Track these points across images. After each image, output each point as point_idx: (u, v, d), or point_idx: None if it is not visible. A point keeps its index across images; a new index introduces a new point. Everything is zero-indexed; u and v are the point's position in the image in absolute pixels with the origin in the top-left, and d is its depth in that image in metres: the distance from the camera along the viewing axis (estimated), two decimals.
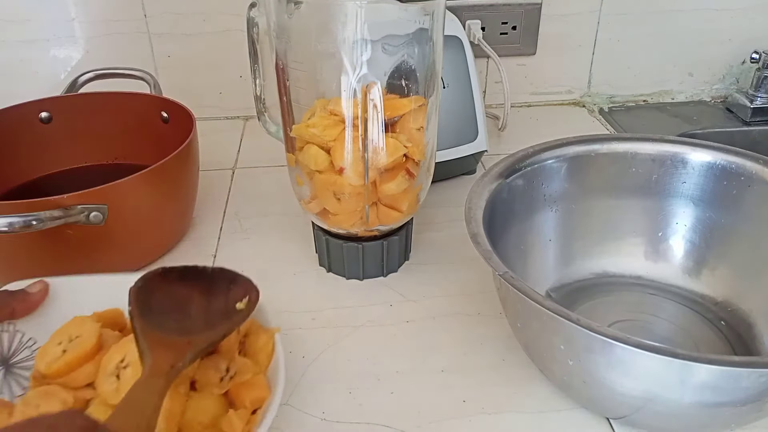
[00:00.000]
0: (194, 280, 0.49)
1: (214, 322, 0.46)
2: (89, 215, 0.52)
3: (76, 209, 0.51)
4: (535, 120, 0.92)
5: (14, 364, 0.46)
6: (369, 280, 0.60)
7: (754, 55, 0.89)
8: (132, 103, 0.69)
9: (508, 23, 0.88)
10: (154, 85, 0.71)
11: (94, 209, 0.52)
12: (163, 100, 0.68)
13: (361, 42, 0.48)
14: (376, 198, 0.55)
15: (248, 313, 0.47)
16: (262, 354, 0.46)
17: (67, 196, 0.51)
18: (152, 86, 0.71)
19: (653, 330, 0.53)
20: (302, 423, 0.46)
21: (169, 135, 0.60)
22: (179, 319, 0.45)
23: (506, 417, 0.46)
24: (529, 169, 0.54)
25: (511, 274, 0.41)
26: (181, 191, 0.62)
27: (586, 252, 0.57)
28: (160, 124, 0.68)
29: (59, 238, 0.52)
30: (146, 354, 0.42)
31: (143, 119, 0.69)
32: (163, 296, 0.47)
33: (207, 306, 0.47)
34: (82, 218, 0.51)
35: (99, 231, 0.52)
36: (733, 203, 0.54)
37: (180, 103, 0.66)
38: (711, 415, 0.40)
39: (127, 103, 0.69)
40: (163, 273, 0.48)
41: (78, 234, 0.53)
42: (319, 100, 0.52)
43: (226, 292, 0.48)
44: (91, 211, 0.52)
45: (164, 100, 0.68)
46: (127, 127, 0.68)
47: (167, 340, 0.43)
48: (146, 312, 0.44)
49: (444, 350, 0.52)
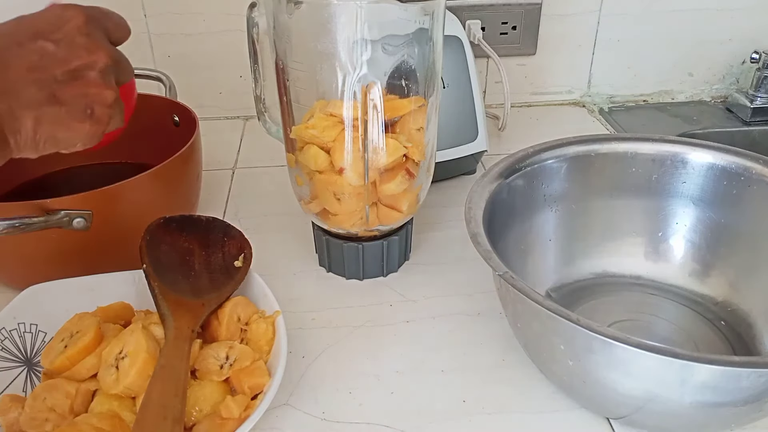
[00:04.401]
0: (192, 231, 0.53)
1: (218, 281, 0.50)
2: (72, 221, 0.50)
3: (59, 214, 0.49)
4: (535, 120, 0.92)
5: (37, 363, 0.47)
6: (369, 280, 0.60)
7: (754, 55, 0.89)
8: (144, 104, 0.68)
9: (508, 23, 0.88)
10: (170, 87, 0.70)
11: (77, 215, 0.50)
12: (174, 104, 0.68)
13: (361, 42, 0.48)
14: (376, 198, 0.55)
15: (246, 269, 0.52)
16: (263, 341, 0.47)
17: (51, 200, 0.49)
18: (168, 87, 0.70)
19: (653, 330, 0.53)
20: (302, 423, 0.46)
21: (178, 138, 0.60)
22: (186, 274, 0.50)
23: (506, 417, 0.46)
24: (529, 169, 0.54)
25: (511, 274, 0.41)
26: (181, 193, 0.62)
27: (586, 252, 0.57)
28: (171, 127, 0.68)
29: (58, 240, 0.52)
30: (168, 317, 0.46)
31: (155, 121, 0.67)
32: (169, 249, 0.51)
33: (207, 259, 0.52)
34: (65, 224, 0.49)
35: (98, 234, 0.52)
36: (733, 203, 0.53)
37: (187, 107, 0.66)
38: (711, 415, 0.40)
39: (140, 105, 0.68)
40: (165, 222, 0.52)
41: (76, 237, 0.52)
42: (319, 102, 0.52)
43: (221, 245, 0.53)
44: (74, 217, 0.50)
45: (175, 103, 0.68)
46: (138, 128, 0.67)
47: (184, 302, 0.47)
48: (159, 269, 0.49)
49: (444, 350, 0.52)
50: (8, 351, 0.47)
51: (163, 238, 0.51)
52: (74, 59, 0.38)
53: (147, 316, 0.48)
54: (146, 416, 0.39)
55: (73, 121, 0.38)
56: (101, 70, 0.39)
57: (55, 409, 0.42)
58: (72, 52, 0.38)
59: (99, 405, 0.43)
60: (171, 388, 0.40)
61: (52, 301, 0.49)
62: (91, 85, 0.38)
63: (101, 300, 0.49)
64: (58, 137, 0.38)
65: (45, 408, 0.42)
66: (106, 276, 0.51)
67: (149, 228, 0.50)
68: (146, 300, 0.49)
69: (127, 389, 0.42)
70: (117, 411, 0.42)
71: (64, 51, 0.37)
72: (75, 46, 0.38)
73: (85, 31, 0.38)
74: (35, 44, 0.37)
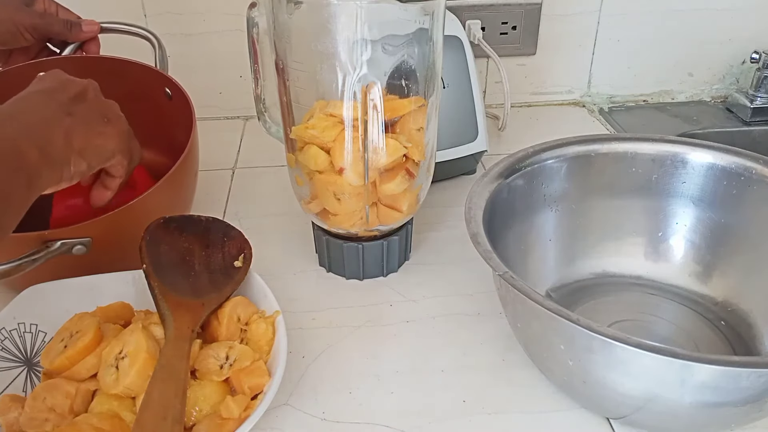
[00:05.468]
0: (192, 231, 0.53)
1: (218, 281, 0.50)
2: (71, 249, 0.49)
3: (57, 245, 0.49)
4: (535, 120, 0.92)
5: (37, 363, 0.47)
6: (369, 280, 0.60)
7: (754, 55, 0.89)
8: (136, 74, 0.65)
9: (508, 23, 0.88)
10: (159, 46, 0.68)
11: (76, 243, 0.49)
12: (165, 77, 0.65)
13: (361, 42, 0.48)
14: (376, 198, 0.55)
15: (246, 269, 0.52)
16: (263, 341, 0.47)
17: (48, 232, 0.48)
18: (156, 48, 0.68)
19: (653, 330, 0.53)
20: (302, 423, 0.46)
21: (171, 113, 0.58)
22: (186, 274, 0.50)
23: (506, 417, 0.46)
24: (529, 169, 0.54)
25: (511, 274, 0.41)
26: (179, 196, 0.61)
27: (586, 252, 0.57)
28: (164, 100, 0.65)
29: None
30: (168, 317, 0.46)
31: (147, 93, 0.64)
32: (169, 249, 0.51)
33: (207, 259, 0.52)
34: (65, 251, 0.49)
35: (98, 248, 0.51)
36: (733, 203, 0.54)
37: (177, 83, 0.63)
38: (711, 415, 0.40)
39: (132, 74, 0.64)
40: (165, 223, 0.52)
41: None
42: (319, 102, 0.52)
43: (221, 246, 0.53)
44: (73, 245, 0.49)
45: (167, 77, 0.65)
46: (130, 100, 0.63)
47: (184, 302, 0.47)
48: (159, 269, 0.49)
49: (444, 350, 0.52)
50: (8, 351, 0.47)
51: (163, 238, 0.51)
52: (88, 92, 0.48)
53: (147, 316, 0.48)
54: (146, 416, 0.39)
55: (97, 125, 0.46)
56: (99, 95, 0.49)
57: (54, 409, 0.42)
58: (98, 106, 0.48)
59: (99, 405, 0.43)
60: (171, 388, 0.40)
61: (52, 301, 0.49)
62: (97, 103, 0.48)
63: (101, 300, 0.49)
64: (95, 143, 0.46)
65: (45, 408, 0.42)
66: (106, 276, 0.51)
67: (149, 228, 0.51)
68: (146, 300, 0.49)
69: (127, 389, 0.42)
70: (117, 411, 0.42)
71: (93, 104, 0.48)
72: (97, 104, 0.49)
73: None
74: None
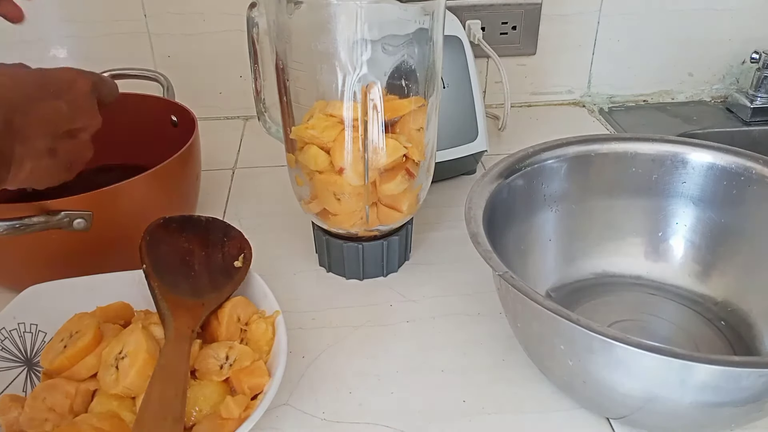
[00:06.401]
0: (192, 231, 0.53)
1: (218, 281, 0.50)
2: (72, 222, 0.50)
3: (59, 215, 0.49)
4: (535, 120, 0.92)
5: (37, 363, 0.47)
6: (369, 280, 0.60)
7: (754, 55, 0.89)
8: (142, 105, 0.67)
9: (508, 23, 0.88)
10: (168, 87, 0.70)
11: (77, 215, 0.50)
12: (172, 104, 0.67)
13: (361, 42, 0.48)
14: (376, 198, 0.55)
15: (246, 269, 0.52)
16: (263, 341, 0.47)
17: (51, 201, 0.49)
18: (166, 88, 0.70)
19: (653, 330, 0.53)
20: (302, 423, 0.46)
21: (177, 139, 0.60)
22: (186, 274, 0.50)
23: (506, 417, 0.46)
24: (529, 169, 0.54)
25: (511, 274, 0.41)
26: (181, 193, 0.62)
27: (586, 252, 0.57)
28: (170, 128, 0.67)
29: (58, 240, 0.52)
30: (168, 317, 0.46)
31: (153, 122, 0.67)
32: (169, 250, 0.51)
33: (207, 260, 0.52)
34: (65, 224, 0.50)
35: (98, 235, 0.52)
36: (733, 203, 0.53)
37: (185, 107, 0.66)
38: (711, 415, 0.40)
39: (138, 105, 0.67)
40: (164, 223, 0.52)
41: (76, 238, 0.52)
42: (319, 102, 0.52)
43: (221, 246, 0.53)
44: (74, 218, 0.50)
45: (173, 103, 0.67)
46: (137, 129, 0.66)
47: (184, 303, 0.47)
48: (159, 269, 0.49)
49: (444, 350, 0.52)
50: (8, 351, 0.47)
51: (163, 238, 0.51)
52: (77, 120, 0.46)
53: (147, 316, 0.49)
54: (146, 416, 0.39)
55: (58, 171, 0.46)
56: (92, 133, 0.48)
57: (54, 409, 0.42)
58: (77, 114, 0.46)
59: (99, 405, 0.43)
60: (171, 388, 0.40)
61: (52, 301, 0.49)
62: (81, 146, 0.47)
63: (101, 300, 0.49)
64: (42, 182, 0.46)
65: (45, 408, 0.42)
66: (106, 276, 0.51)
67: (149, 228, 0.51)
68: (146, 300, 0.49)
69: (126, 389, 0.42)
70: (117, 411, 0.42)
71: (72, 111, 0.46)
72: (80, 108, 0.46)
73: (89, 96, 0.47)
74: (53, 102, 0.45)
